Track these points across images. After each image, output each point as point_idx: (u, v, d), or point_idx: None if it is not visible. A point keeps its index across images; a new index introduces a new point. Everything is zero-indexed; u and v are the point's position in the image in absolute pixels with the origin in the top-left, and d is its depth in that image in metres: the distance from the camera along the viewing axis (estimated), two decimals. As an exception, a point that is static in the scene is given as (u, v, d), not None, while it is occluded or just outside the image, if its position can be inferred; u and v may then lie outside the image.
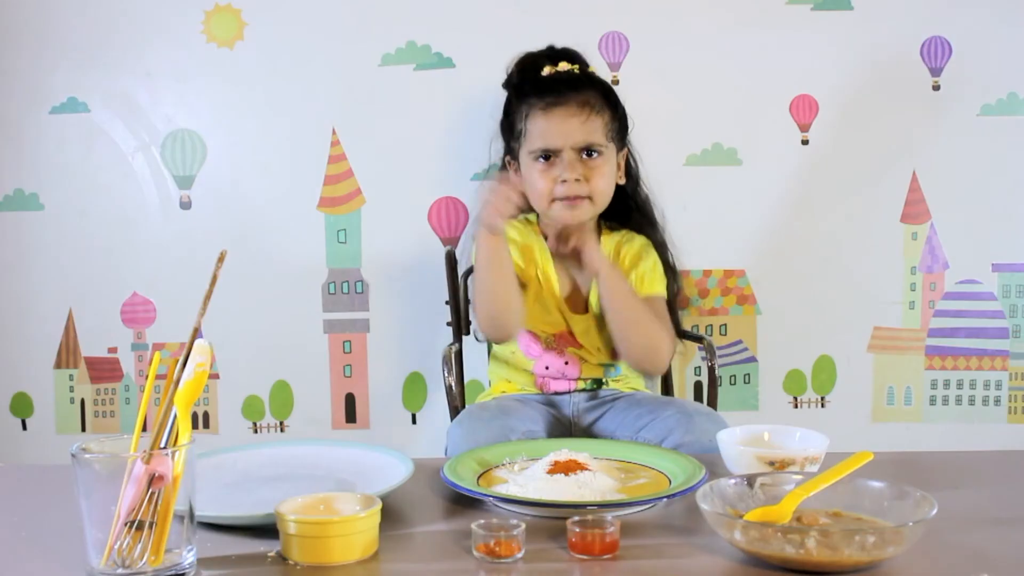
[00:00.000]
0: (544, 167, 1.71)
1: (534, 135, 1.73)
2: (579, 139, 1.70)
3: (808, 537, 0.96)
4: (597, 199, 1.72)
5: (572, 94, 1.72)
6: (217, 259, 1.03)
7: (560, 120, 1.70)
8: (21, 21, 2.04)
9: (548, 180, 1.71)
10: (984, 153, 2.08)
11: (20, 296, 2.10)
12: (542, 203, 1.73)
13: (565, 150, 1.70)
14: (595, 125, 1.71)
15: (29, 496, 1.29)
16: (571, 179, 1.69)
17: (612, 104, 1.76)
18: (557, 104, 1.71)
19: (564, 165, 1.69)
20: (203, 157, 2.08)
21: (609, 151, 1.74)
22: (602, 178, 1.72)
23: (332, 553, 1.01)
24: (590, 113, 1.71)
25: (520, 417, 1.59)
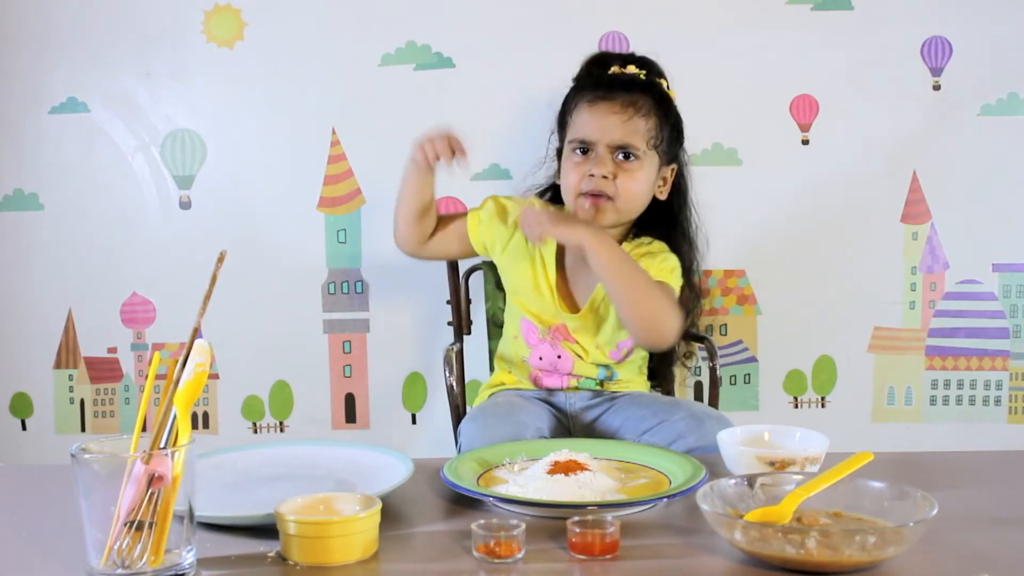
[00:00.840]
0: (578, 159, 1.70)
1: (576, 126, 1.72)
2: (615, 136, 1.67)
3: (808, 537, 0.96)
4: (621, 202, 1.68)
5: (621, 93, 1.70)
6: (217, 259, 1.03)
7: (602, 115, 1.68)
8: (21, 21, 2.04)
9: (578, 173, 1.69)
10: (984, 153, 2.08)
11: (20, 296, 2.10)
12: (569, 196, 1.72)
13: (600, 145, 1.67)
14: (636, 127, 1.68)
15: (29, 496, 1.29)
16: (598, 174, 1.66)
17: (663, 112, 1.72)
18: (603, 99, 1.69)
19: (595, 159, 1.67)
20: (203, 157, 2.08)
21: (648, 158, 1.70)
22: (632, 181, 1.68)
23: (332, 553, 1.01)
24: (633, 114, 1.68)
25: (530, 414, 1.60)
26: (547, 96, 1.85)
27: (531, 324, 1.76)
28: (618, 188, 1.67)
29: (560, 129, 1.80)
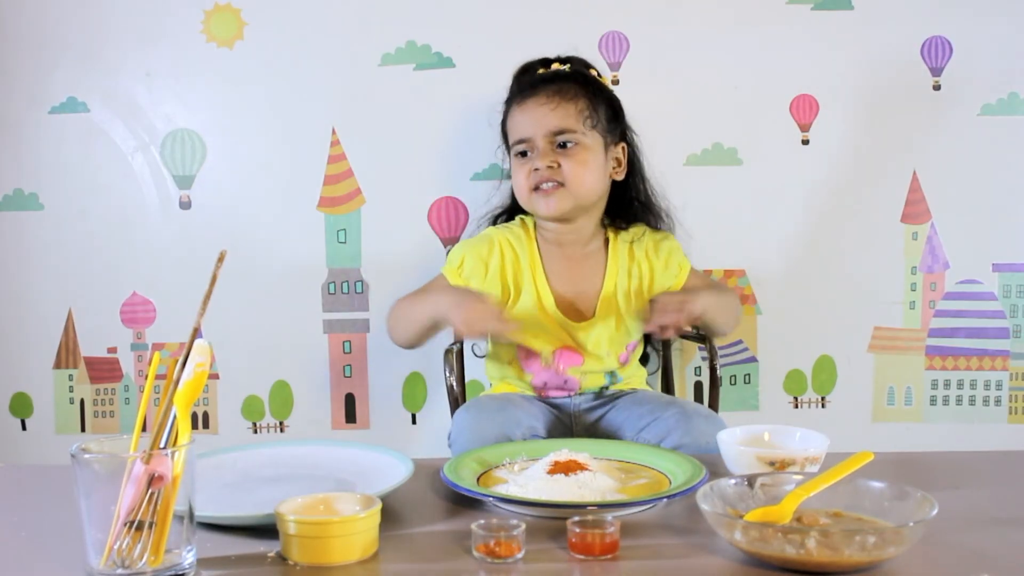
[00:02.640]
0: (521, 161, 1.73)
1: (511, 131, 1.76)
2: (549, 125, 1.69)
3: (808, 537, 0.96)
4: (572, 186, 1.69)
5: (546, 86, 1.73)
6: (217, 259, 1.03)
7: (531, 109, 1.72)
8: (21, 21, 2.04)
9: (524, 172, 1.71)
10: (984, 153, 2.08)
11: (20, 296, 2.10)
12: (522, 196, 1.74)
13: (537, 139, 1.70)
14: (566, 111, 1.70)
15: (29, 496, 1.29)
16: (542, 166, 1.69)
17: (593, 92, 1.74)
18: (530, 96, 1.73)
19: (537, 153, 1.70)
20: (203, 157, 2.08)
21: (590, 140, 1.72)
22: (577, 164, 1.69)
23: (332, 553, 1.01)
24: (560, 100, 1.71)
25: (525, 411, 1.59)
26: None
27: (529, 353, 1.75)
28: (564, 174, 1.69)
29: (503, 139, 1.83)
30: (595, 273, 1.77)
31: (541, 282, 1.75)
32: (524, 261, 1.76)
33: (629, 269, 1.77)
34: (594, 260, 1.78)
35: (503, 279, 1.75)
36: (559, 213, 1.71)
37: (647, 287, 1.77)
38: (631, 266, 1.77)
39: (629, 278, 1.77)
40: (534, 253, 1.77)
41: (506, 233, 1.79)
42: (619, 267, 1.77)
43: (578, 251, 1.78)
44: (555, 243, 1.78)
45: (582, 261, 1.78)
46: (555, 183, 1.69)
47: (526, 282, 1.75)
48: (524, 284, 1.75)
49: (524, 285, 1.75)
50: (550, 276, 1.75)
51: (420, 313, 1.68)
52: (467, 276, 1.75)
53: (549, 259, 1.77)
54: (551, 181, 1.69)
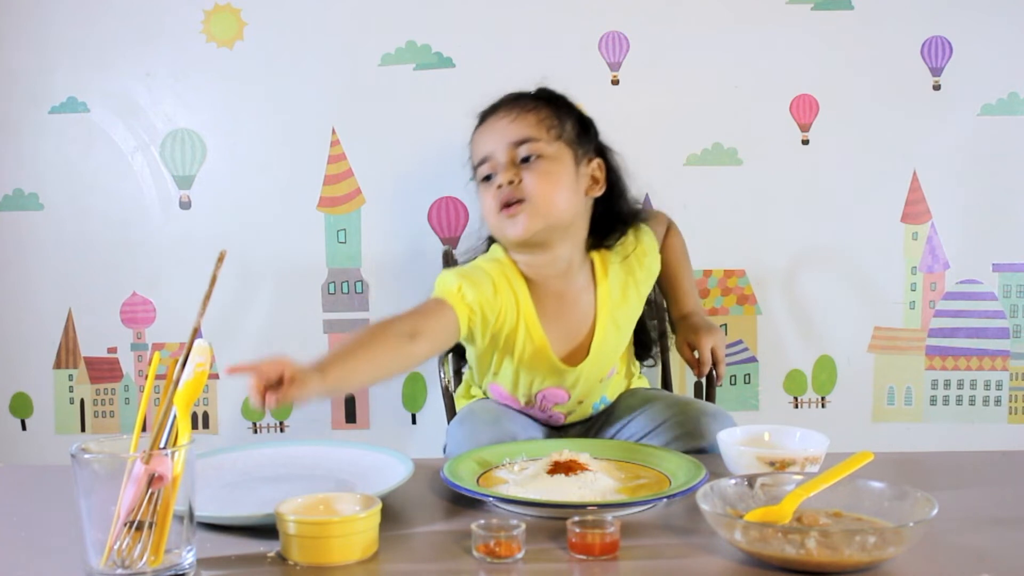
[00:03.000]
0: (486, 185, 1.58)
1: (472, 154, 1.62)
2: (508, 136, 1.55)
3: (808, 537, 0.96)
4: (538, 202, 1.52)
5: (504, 103, 1.61)
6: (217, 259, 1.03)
7: (490, 126, 1.59)
8: (21, 21, 2.04)
9: (489, 195, 1.56)
10: (984, 153, 2.08)
11: (20, 296, 2.10)
12: (491, 222, 1.58)
13: (498, 154, 1.55)
14: (526, 120, 1.56)
15: (29, 496, 1.29)
16: (504, 182, 1.53)
17: (555, 104, 1.61)
18: (490, 115, 1.61)
19: (499, 170, 1.55)
20: (203, 157, 2.07)
21: (554, 150, 1.55)
22: (542, 177, 1.52)
23: (332, 553, 1.01)
24: (519, 111, 1.57)
25: (521, 426, 1.58)
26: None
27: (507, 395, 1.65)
28: (527, 189, 1.52)
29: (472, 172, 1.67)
30: (588, 308, 1.61)
31: (535, 326, 1.57)
32: (521, 302, 1.57)
33: (623, 284, 1.63)
34: (585, 296, 1.62)
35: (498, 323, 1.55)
36: (528, 234, 1.52)
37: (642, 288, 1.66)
38: (624, 280, 1.64)
39: (624, 292, 1.63)
40: (526, 293, 1.58)
41: (499, 268, 1.59)
42: (610, 291, 1.62)
43: (564, 286, 1.60)
44: (539, 280, 1.59)
45: (573, 299, 1.61)
46: (519, 200, 1.53)
47: (520, 328, 1.57)
48: (519, 330, 1.57)
49: (519, 331, 1.57)
50: (542, 317, 1.58)
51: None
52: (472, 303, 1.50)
53: (539, 298, 1.58)
54: (514, 199, 1.53)
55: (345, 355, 1.32)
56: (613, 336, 1.63)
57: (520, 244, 1.56)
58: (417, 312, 1.48)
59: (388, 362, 1.39)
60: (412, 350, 1.40)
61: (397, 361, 1.40)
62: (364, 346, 1.35)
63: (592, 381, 1.63)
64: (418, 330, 1.42)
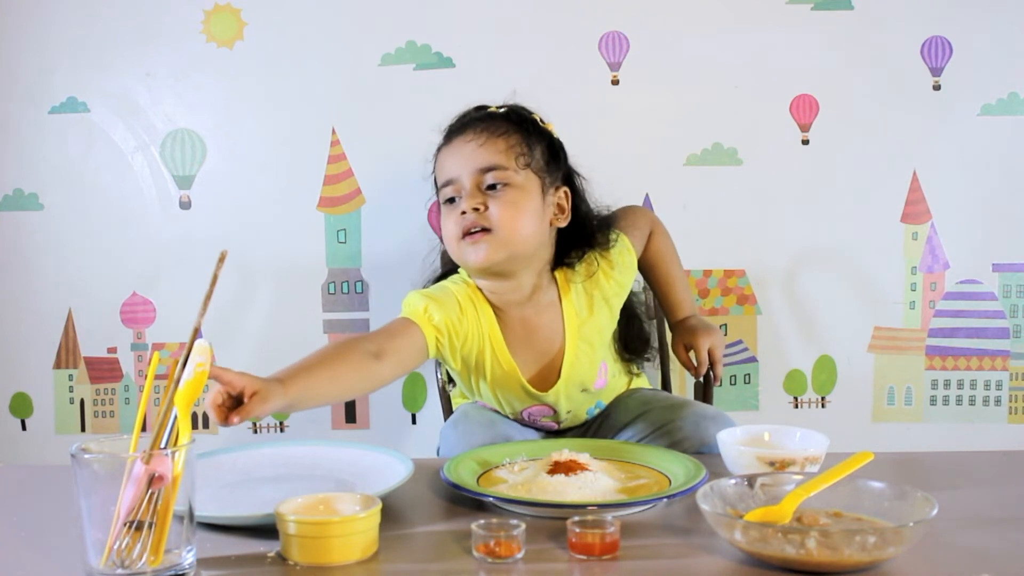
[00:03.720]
0: (449, 208, 1.53)
1: (438, 174, 1.57)
2: (476, 162, 1.50)
3: (808, 537, 0.96)
4: (500, 232, 1.48)
5: (474, 124, 1.55)
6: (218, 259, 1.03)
7: (457, 148, 1.53)
8: (21, 21, 2.04)
9: (453, 219, 1.51)
10: (984, 153, 2.08)
11: (20, 296, 2.10)
12: (452, 247, 1.53)
13: (464, 179, 1.50)
14: (495, 146, 1.51)
15: (29, 496, 1.29)
16: (468, 208, 1.48)
17: (525, 130, 1.55)
18: (457, 135, 1.55)
19: (464, 195, 1.50)
20: (203, 157, 2.08)
21: (522, 179, 1.51)
22: (507, 207, 1.48)
23: (332, 553, 1.01)
24: (489, 135, 1.52)
25: (517, 428, 1.58)
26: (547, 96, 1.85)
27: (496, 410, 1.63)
28: (492, 218, 1.48)
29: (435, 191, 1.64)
30: (554, 331, 1.58)
31: (502, 350, 1.55)
32: (484, 326, 1.54)
33: (589, 302, 1.59)
34: (550, 316, 1.58)
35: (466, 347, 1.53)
36: (488, 263, 1.49)
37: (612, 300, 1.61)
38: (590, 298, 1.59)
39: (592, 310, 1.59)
40: (491, 317, 1.55)
41: (465, 290, 1.56)
42: (577, 314, 1.58)
43: (530, 311, 1.57)
44: (503, 306, 1.56)
45: (537, 316, 1.57)
46: (482, 228, 1.48)
47: (487, 351, 1.55)
48: (486, 353, 1.55)
49: (486, 355, 1.55)
50: (509, 342, 1.55)
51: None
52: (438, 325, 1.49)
53: (505, 324, 1.56)
54: (478, 227, 1.48)
55: (308, 370, 1.30)
56: (585, 354, 1.59)
57: (481, 271, 1.53)
58: (383, 331, 1.46)
59: (351, 380, 1.36)
60: (377, 369, 1.38)
61: (361, 380, 1.38)
62: (327, 363, 1.34)
63: (574, 396, 1.61)
64: (384, 349, 1.39)
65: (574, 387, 1.60)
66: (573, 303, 1.58)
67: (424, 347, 1.47)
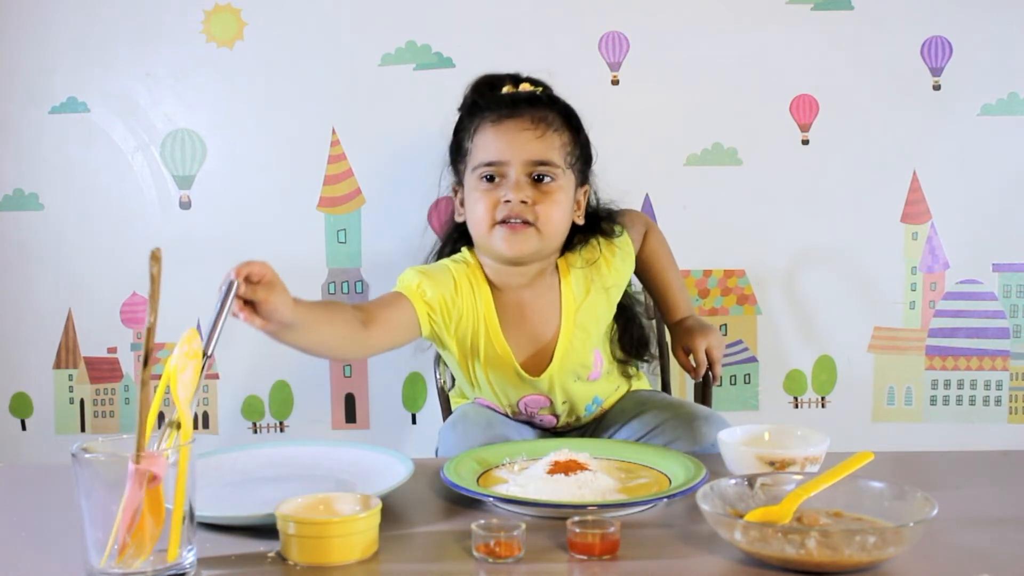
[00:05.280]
0: (488, 187, 1.52)
1: (480, 149, 1.54)
2: (531, 153, 1.50)
3: (808, 537, 0.96)
4: (545, 230, 1.51)
5: (528, 109, 1.54)
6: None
7: (511, 132, 1.51)
8: (21, 21, 2.04)
9: (490, 201, 1.51)
10: (984, 153, 2.08)
11: (20, 296, 2.10)
12: (481, 228, 1.53)
13: (514, 166, 1.50)
14: (551, 143, 1.52)
15: (29, 496, 1.29)
16: (516, 199, 1.48)
17: (574, 128, 1.58)
18: (510, 117, 1.53)
19: (511, 184, 1.50)
20: (203, 157, 2.08)
21: (565, 179, 1.54)
22: (554, 206, 1.51)
23: (332, 553, 1.01)
24: (546, 129, 1.52)
25: (514, 429, 1.57)
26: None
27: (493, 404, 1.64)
28: (538, 214, 1.50)
29: (455, 160, 1.64)
30: (551, 315, 1.59)
31: (495, 332, 1.55)
32: (480, 306, 1.56)
33: (587, 287, 1.60)
34: (547, 300, 1.60)
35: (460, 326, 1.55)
36: (522, 256, 1.52)
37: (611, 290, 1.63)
38: (588, 284, 1.61)
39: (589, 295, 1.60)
40: (488, 297, 1.56)
41: (463, 269, 1.57)
42: (574, 298, 1.60)
43: (529, 295, 1.59)
44: (503, 287, 1.58)
45: (534, 300, 1.59)
46: (524, 221, 1.50)
47: (481, 332, 1.56)
48: (481, 334, 1.56)
49: (481, 335, 1.56)
50: (504, 324, 1.56)
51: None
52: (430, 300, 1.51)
53: (502, 304, 1.57)
54: (521, 218, 1.50)
55: (312, 306, 1.32)
56: (579, 341, 1.60)
57: (508, 261, 1.55)
58: (375, 301, 1.49)
59: (342, 336, 1.37)
60: (364, 335, 1.40)
61: (349, 340, 1.39)
62: (327, 310, 1.37)
63: (569, 385, 1.61)
64: (373, 318, 1.42)
65: (568, 374, 1.60)
66: (572, 287, 1.60)
67: (415, 322, 1.49)
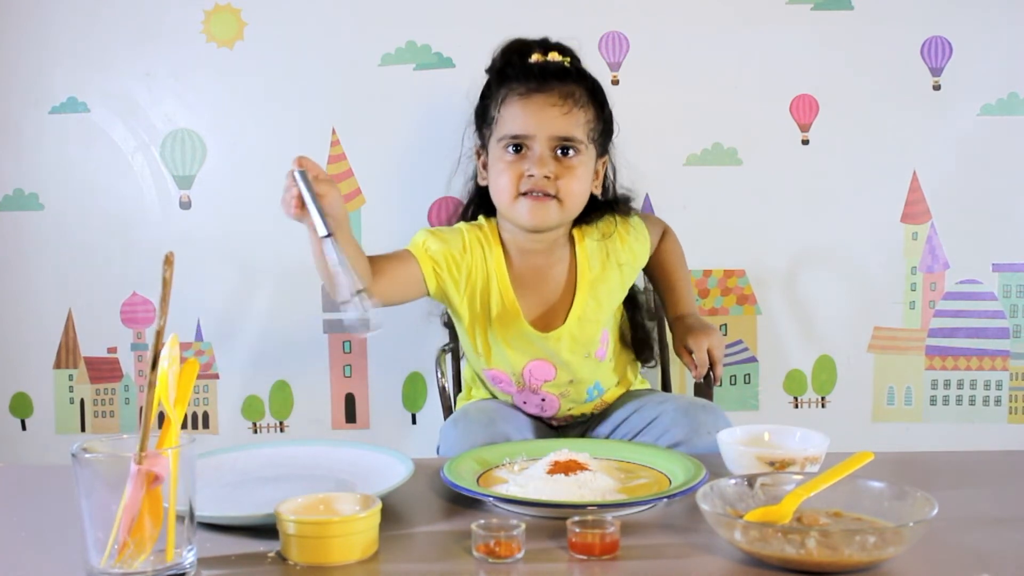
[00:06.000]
0: (513, 158, 1.58)
1: (507, 121, 1.59)
2: (557, 129, 1.56)
3: (808, 537, 0.96)
4: (567, 202, 1.58)
5: (556, 83, 1.59)
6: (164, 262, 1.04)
7: (538, 107, 1.57)
8: (21, 21, 2.04)
9: (515, 172, 1.57)
10: (984, 153, 2.08)
11: (20, 296, 2.10)
12: (505, 198, 1.59)
13: (539, 140, 1.56)
14: (577, 119, 1.58)
15: (29, 496, 1.29)
16: (539, 174, 1.55)
17: (599, 103, 1.64)
18: (538, 91, 1.58)
19: (535, 158, 1.56)
20: (203, 157, 2.07)
21: (588, 153, 1.61)
22: (575, 180, 1.58)
23: (332, 553, 1.01)
24: (572, 106, 1.58)
25: (515, 427, 1.58)
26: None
27: (499, 374, 1.68)
28: (560, 188, 1.57)
29: (480, 125, 1.69)
30: (563, 277, 1.67)
31: (506, 288, 1.62)
32: (491, 264, 1.63)
33: (603, 259, 1.67)
34: (561, 265, 1.67)
35: (472, 282, 1.62)
36: (543, 226, 1.59)
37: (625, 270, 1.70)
38: (604, 257, 1.67)
39: (604, 268, 1.67)
40: (500, 258, 1.64)
41: (476, 232, 1.65)
42: (590, 263, 1.67)
43: (542, 259, 1.66)
44: (516, 251, 1.65)
45: (549, 267, 1.67)
46: (547, 194, 1.57)
47: (493, 289, 1.62)
48: (492, 291, 1.63)
49: (491, 292, 1.63)
50: (515, 283, 1.63)
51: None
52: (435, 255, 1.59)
53: (514, 265, 1.65)
54: (543, 191, 1.56)
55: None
56: (592, 308, 1.65)
57: (530, 230, 1.61)
58: (383, 256, 1.58)
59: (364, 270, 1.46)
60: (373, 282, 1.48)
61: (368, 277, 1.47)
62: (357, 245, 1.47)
63: (577, 355, 1.65)
64: (379, 269, 1.52)
65: (579, 343, 1.64)
66: (587, 256, 1.67)
67: (420, 278, 1.58)
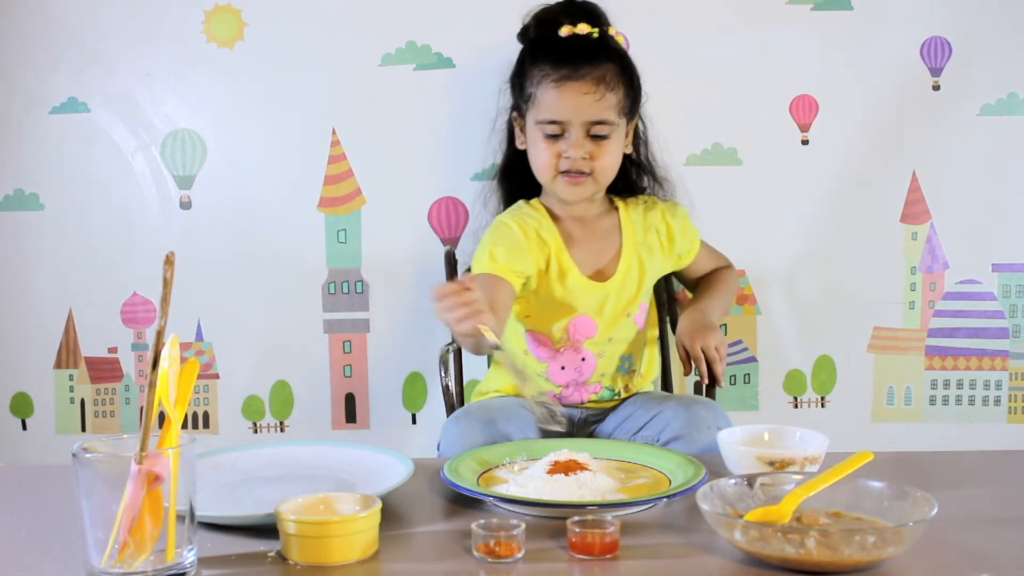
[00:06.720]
0: (550, 140, 1.70)
1: (543, 105, 1.70)
2: (591, 115, 1.68)
3: (808, 537, 0.96)
4: (600, 177, 1.71)
5: (587, 68, 1.68)
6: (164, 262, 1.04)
7: (573, 95, 1.68)
8: (21, 21, 2.04)
9: (552, 153, 1.70)
10: (984, 153, 2.08)
11: (20, 296, 2.10)
12: (545, 175, 1.73)
13: (574, 126, 1.68)
14: (608, 103, 1.68)
15: (29, 496, 1.29)
16: (575, 156, 1.68)
17: (628, 77, 1.73)
18: (571, 78, 1.68)
19: (571, 141, 1.68)
20: (203, 157, 2.08)
21: (619, 127, 1.72)
22: (607, 155, 1.70)
23: (332, 553, 1.01)
24: (604, 91, 1.68)
25: (516, 426, 1.57)
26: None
27: (539, 339, 1.74)
28: (595, 166, 1.70)
29: (517, 95, 1.78)
30: (612, 233, 1.78)
31: (560, 249, 1.73)
32: (546, 236, 1.74)
33: (645, 226, 1.78)
34: (608, 222, 1.79)
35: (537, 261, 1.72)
36: (582, 199, 1.74)
37: (666, 245, 1.79)
38: (646, 224, 1.79)
39: (646, 233, 1.78)
40: (551, 228, 1.75)
41: (520, 219, 1.76)
42: (634, 225, 1.78)
43: (591, 220, 1.79)
44: (566, 214, 1.78)
45: (596, 223, 1.78)
46: (583, 172, 1.70)
47: (552, 255, 1.73)
48: (551, 256, 1.73)
49: (551, 257, 1.73)
50: (567, 242, 1.74)
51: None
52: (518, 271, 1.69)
53: (564, 229, 1.76)
54: (579, 170, 1.69)
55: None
56: (637, 269, 1.76)
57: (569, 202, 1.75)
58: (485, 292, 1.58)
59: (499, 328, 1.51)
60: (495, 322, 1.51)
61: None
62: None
63: (619, 312, 1.73)
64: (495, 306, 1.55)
65: (622, 300, 1.74)
66: (631, 218, 1.79)
67: (512, 291, 1.68)
